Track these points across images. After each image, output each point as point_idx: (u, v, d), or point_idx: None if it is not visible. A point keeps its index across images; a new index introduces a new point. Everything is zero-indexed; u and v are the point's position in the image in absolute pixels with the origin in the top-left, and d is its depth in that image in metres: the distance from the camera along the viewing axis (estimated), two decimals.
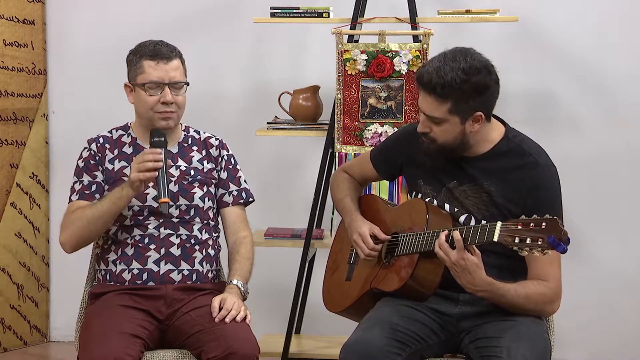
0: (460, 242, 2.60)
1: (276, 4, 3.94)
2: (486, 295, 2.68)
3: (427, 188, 2.89)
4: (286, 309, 4.02)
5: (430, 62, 2.72)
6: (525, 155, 2.77)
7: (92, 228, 2.95)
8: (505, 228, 2.51)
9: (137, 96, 3.02)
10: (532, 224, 2.46)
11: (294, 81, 4.19)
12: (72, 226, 2.97)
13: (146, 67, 2.98)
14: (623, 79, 4.21)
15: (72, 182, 3.06)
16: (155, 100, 2.98)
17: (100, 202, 2.94)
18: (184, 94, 3.02)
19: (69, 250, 3.02)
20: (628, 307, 4.27)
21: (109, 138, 3.10)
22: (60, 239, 3.02)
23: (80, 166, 3.07)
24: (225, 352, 2.72)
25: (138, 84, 3.00)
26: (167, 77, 2.98)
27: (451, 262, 2.63)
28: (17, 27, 4.37)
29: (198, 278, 3.01)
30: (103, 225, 2.95)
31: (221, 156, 3.14)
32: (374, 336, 2.68)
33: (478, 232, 2.58)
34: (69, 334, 3.77)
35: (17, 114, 4.40)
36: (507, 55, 4.23)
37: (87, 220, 2.94)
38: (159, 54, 2.99)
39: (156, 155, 2.88)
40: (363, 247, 2.93)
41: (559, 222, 2.42)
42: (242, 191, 3.15)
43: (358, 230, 2.95)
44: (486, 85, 2.71)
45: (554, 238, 2.41)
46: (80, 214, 2.96)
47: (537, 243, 2.44)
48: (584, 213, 4.17)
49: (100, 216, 2.93)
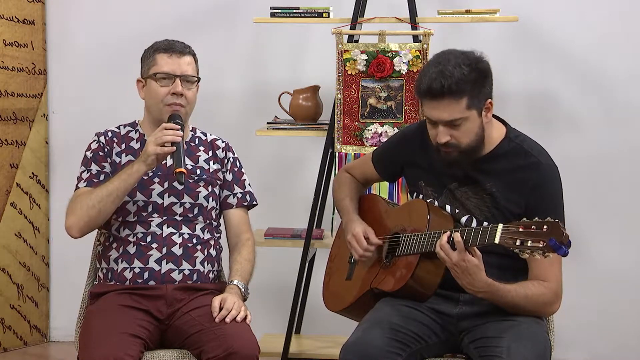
0: (461, 243, 2.60)
1: (276, 4, 3.94)
2: (486, 296, 2.68)
3: (428, 189, 2.89)
4: (286, 309, 4.02)
5: (427, 73, 2.69)
6: (527, 156, 2.77)
7: (101, 207, 2.90)
8: (506, 230, 2.51)
9: (148, 88, 3.04)
10: (533, 226, 2.46)
11: (294, 81, 4.19)
12: (80, 209, 2.92)
13: (159, 60, 3.02)
14: (623, 79, 4.21)
15: (79, 172, 3.05)
16: (165, 91, 3.00)
17: (110, 181, 2.92)
18: (195, 91, 3.05)
19: (76, 233, 2.95)
20: (628, 307, 4.27)
21: (116, 133, 3.11)
22: (66, 224, 2.95)
23: (88, 156, 3.07)
24: (225, 352, 2.72)
25: (150, 75, 3.02)
26: (179, 70, 3.01)
27: (452, 263, 2.63)
28: (17, 27, 4.37)
29: (199, 278, 3.01)
30: (112, 205, 2.91)
31: (227, 158, 3.16)
32: (374, 336, 2.68)
33: (479, 234, 2.58)
34: (69, 334, 3.77)
35: (17, 114, 4.40)
36: (507, 55, 4.24)
37: (96, 199, 2.90)
38: (173, 47, 3.04)
39: (176, 130, 2.89)
40: (357, 248, 2.94)
41: (561, 225, 2.42)
42: (247, 194, 3.16)
43: (352, 231, 2.96)
44: (488, 69, 2.73)
45: (555, 241, 2.40)
46: (88, 195, 2.93)
47: (538, 246, 2.44)
48: (583, 213, 4.17)
49: (110, 194, 2.89)
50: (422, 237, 2.76)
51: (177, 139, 2.89)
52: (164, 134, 2.88)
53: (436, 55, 2.75)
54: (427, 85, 2.67)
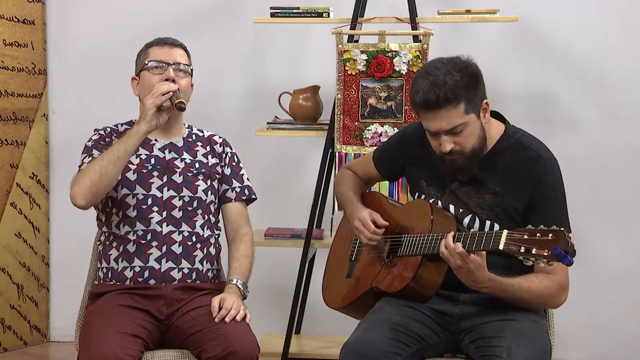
0: (464, 252, 2.60)
1: (276, 4, 3.94)
2: (489, 291, 2.68)
3: (430, 189, 2.89)
4: (286, 309, 4.02)
5: (419, 86, 2.68)
6: (526, 150, 2.77)
7: (103, 171, 2.87)
8: (511, 237, 2.50)
9: (142, 81, 3.07)
10: (538, 234, 2.45)
11: (294, 81, 4.19)
12: (82, 177, 2.89)
13: (151, 52, 3.07)
14: (623, 79, 4.21)
15: (80, 160, 3.05)
16: (158, 79, 3.02)
17: (111, 147, 2.93)
18: (188, 80, 3.08)
19: (81, 201, 2.88)
20: (628, 306, 4.27)
21: (115, 129, 3.13)
22: (70, 194, 2.89)
23: (89, 145, 3.08)
24: (225, 351, 2.73)
25: (143, 67, 3.06)
26: (171, 58, 3.05)
27: (456, 264, 2.63)
28: (17, 27, 4.37)
29: (198, 277, 3.01)
30: (114, 167, 2.88)
31: (225, 153, 3.18)
32: (374, 336, 2.68)
33: (484, 240, 2.58)
34: (69, 334, 3.78)
35: (17, 114, 4.40)
36: (507, 55, 4.24)
37: (97, 164, 2.88)
38: (165, 40, 3.10)
39: (171, 84, 2.96)
40: (364, 232, 2.93)
41: (566, 234, 2.41)
42: (245, 188, 3.16)
43: (358, 216, 2.96)
44: (478, 71, 2.73)
45: (560, 250, 2.40)
46: (91, 165, 2.91)
47: (542, 254, 2.43)
48: (584, 213, 4.16)
49: (110, 156, 2.88)
50: (425, 238, 2.75)
51: (173, 87, 2.95)
52: (160, 86, 2.95)
53: (424, 67, 2.76)
54: (423, 98, 2.67)
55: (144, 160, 3.05)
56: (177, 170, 3.05)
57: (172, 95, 2.95)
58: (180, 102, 2.94)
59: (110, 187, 2.94)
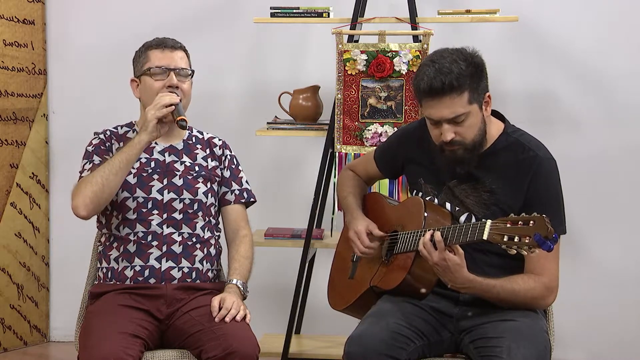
0: (442, 242, 2.61)
1: (276, 4, 3.94)
2: (469, 291, 2.70)
3: (428, 187, 2.90)
4: (286, 309, 4.02)
5: (424, 73, 2.69)
6: (525, 150, 2.78)
7: (105, 182, 2.88)
8: (494, 226, 2.51)
9: (143, 85, 3.06)
10: (520, 222, 2.46)
11: (294, 81, 4.19)
12: (84, 187, 2.90)
13: (151, 56, 3.06)
14: (623, 79, 4.21)
15: (81, 166, 3.05)
16: (160, 85, 3.02)
17: (113, 157, 2.93)
18: (190, 83, 3.08)
19: (83, 211, 2.89)
20: (628, 306, 4.27)
21: (114, 132, 3.13)
22: (72, 205, 2.91)
23: (89, 150, 3.08)
24: (225, 351, 2.73)
25: (144, 72, 3.04)
26: (172, 64, 3.04)
27: (433, 262, 2.64)
28: (17, 27, 4.37)
29: (198, 276, 3.01)
30: (116, 178, 2.89)
31: (224, 155, 3.18)
32: (379, 329, 2.69)
33: (469, 231, 2.59)
34: (69, 334, 3.77)
35: (17, 114, 4.40)
36: (507, 55, 4.24)
37: (99, 175, 2.89)
38: (165, 43, 3.08)
39: (173, 95, 2.95)
40: (358, 245, 2.95)
41: (546, 220, 2.42)
42: (244, 191, 3.17)
43: (354, 228, 2.98)
44: (483, 63, 2.74)
45: (540, 236, 2.40)
46: (93, 175, 2.91)
47: (525, 242, 2.44)
48: (584, 213, 4.17)
49: (112, 167, 2.89)
50: (418, 234, 2.76)
51: (175, 100, 2.94)
52: (162, 97, 2.94)
53: (429, 56, 2.77)
54: (428, 85, 2.67)
55: (144, 164, 3.05)
56: (177, 173, 3.05)
57: (174, 110, 2.94)
58: (182, 120, 2.93)
59: (112, 197, 2.95)
